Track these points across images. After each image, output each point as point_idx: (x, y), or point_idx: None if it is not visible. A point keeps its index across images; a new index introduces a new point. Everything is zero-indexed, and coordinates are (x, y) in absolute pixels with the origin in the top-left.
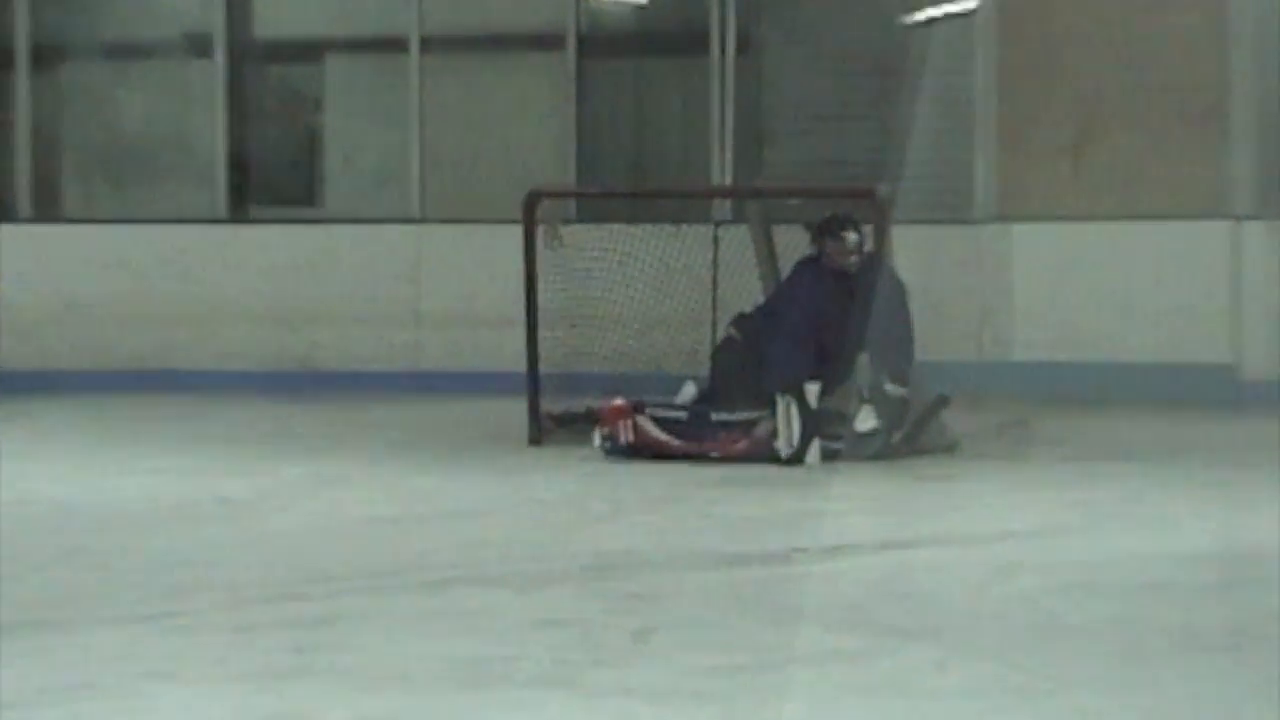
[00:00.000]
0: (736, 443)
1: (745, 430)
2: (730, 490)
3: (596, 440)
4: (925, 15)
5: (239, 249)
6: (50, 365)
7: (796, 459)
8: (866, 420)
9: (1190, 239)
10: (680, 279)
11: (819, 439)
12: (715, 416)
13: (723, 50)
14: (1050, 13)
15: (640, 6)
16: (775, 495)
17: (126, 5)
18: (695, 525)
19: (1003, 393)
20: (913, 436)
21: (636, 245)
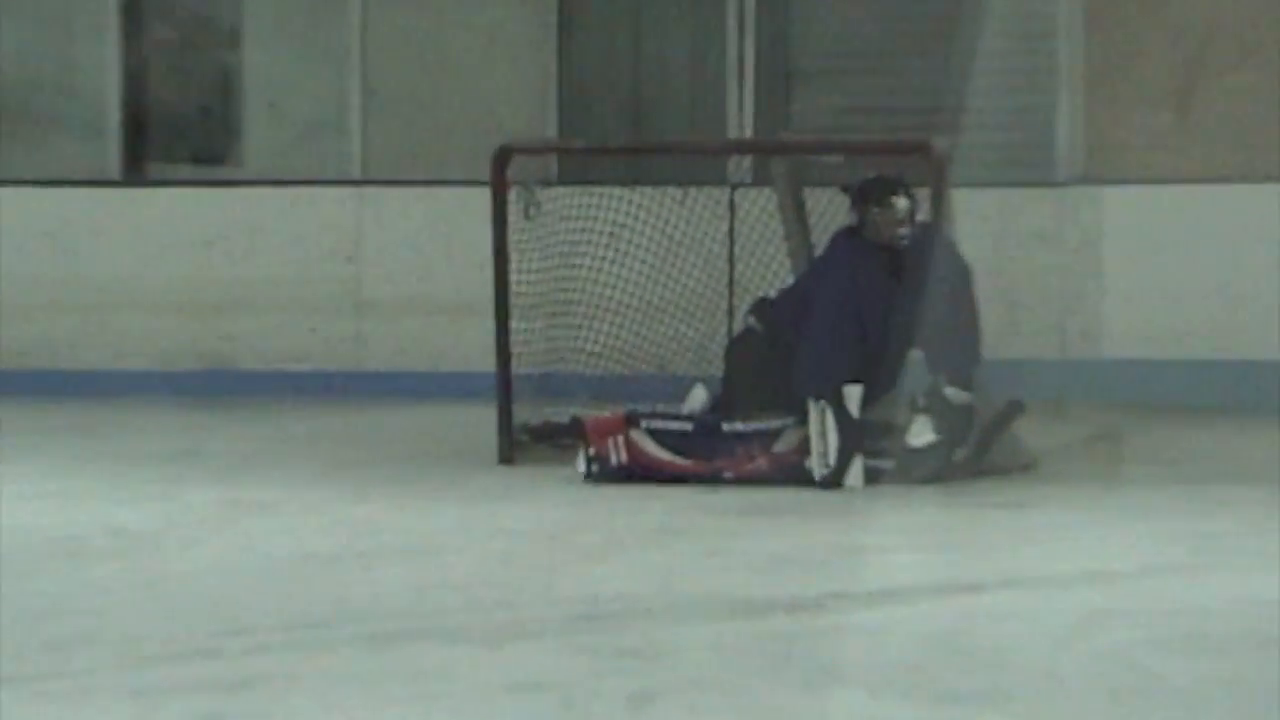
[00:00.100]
0: (756, 461)
1: (767, 445)
2: (749, 521)
3: (582, 461)
4: None
5: (136, 218)
6: None
7: (833, 481)
8: (921, 433)
9: None
10: (688, 256)
11: (861, 456)
12: (728, 428)
13: None
14: None
15: None
16: (806, 527)
17: None
18: (705, 565)
19: (1090, 399)
20: (979, 453)
21: (633, 214)
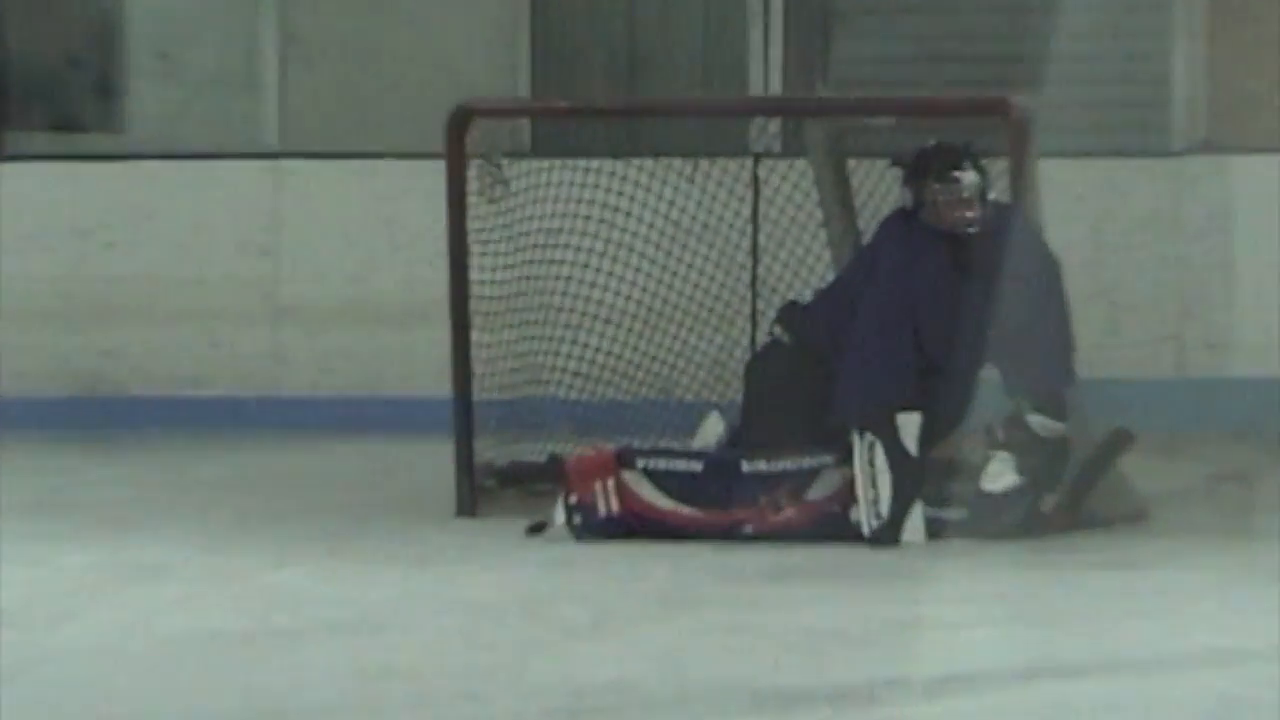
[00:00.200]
0: (785, 511)
1: (799, 490)
2: (777, 589)
3: (561, 511)
4: None
5: None
6: None
7: (887, 536)
8: (1000, 475)
9: None
10: (699, 247)
11: (922, 504)
12: (749, 468)
13: None
14: None
15: None
16: (851, 596)
17: None
18: (722, 645)
19: (1215, 429)
20: (1076, 499)
21: (629, 193)
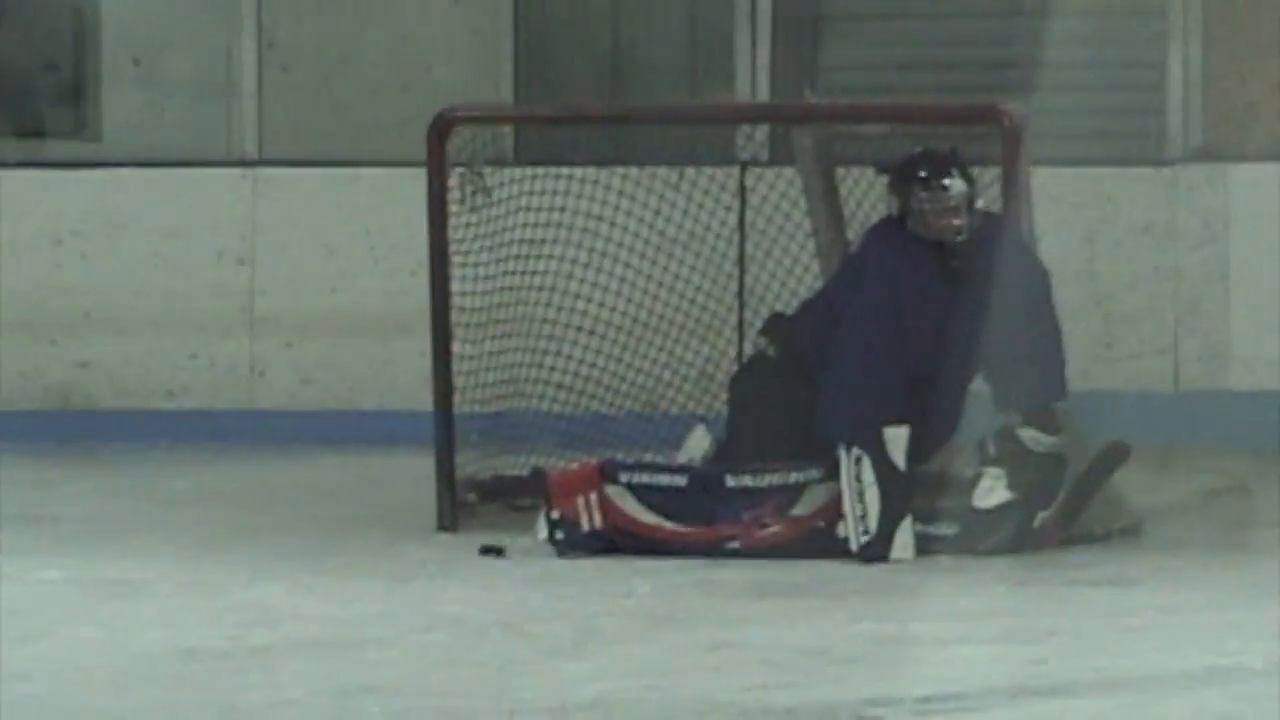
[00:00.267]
0: (770, 526)
1: (784, 505)
2: (763, 605)
3: (544, 526)
4: None
5: None
6: None
7: (876, 552)
8: (992, 491)
9: None
10: (686, 257)
11: (912, 519)
12: (734, 483)
13: None
14: None
15: None
16: (838, 613)
17: None
18: (706, 662)
19: (1210, 443)
20: (1070, 514)
21: (613, 202)
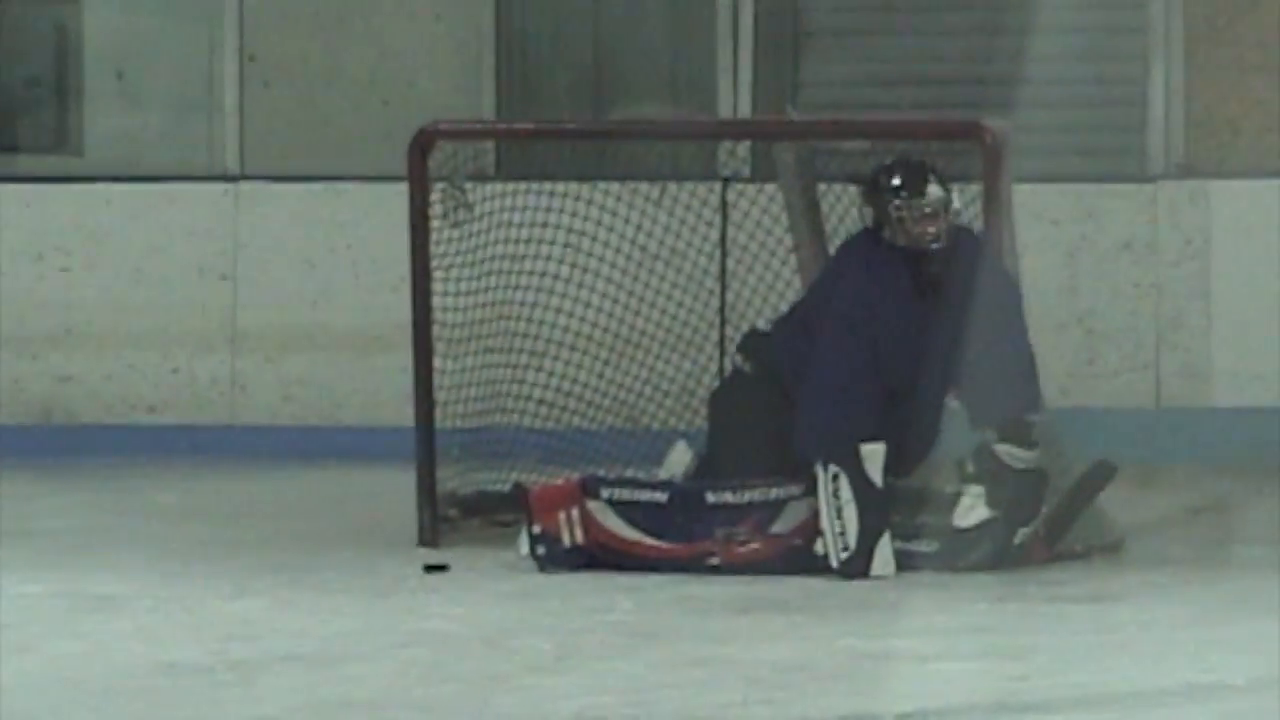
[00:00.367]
0: (748, 543)
1: (764, 522)
2: (743, 621)
3: (526, 542)
4: None
5: None
6: None
7: (856, 568)
8: (972, 509)
9: None
10: (667, 272)
11: (891, 536)
12: (714, 499)
13: None
14: None
15: None
16: (818, 629)
17: None
18: (687, 678)
19: (1192, 459)
20: (1055, 533)
21: (595, 218)
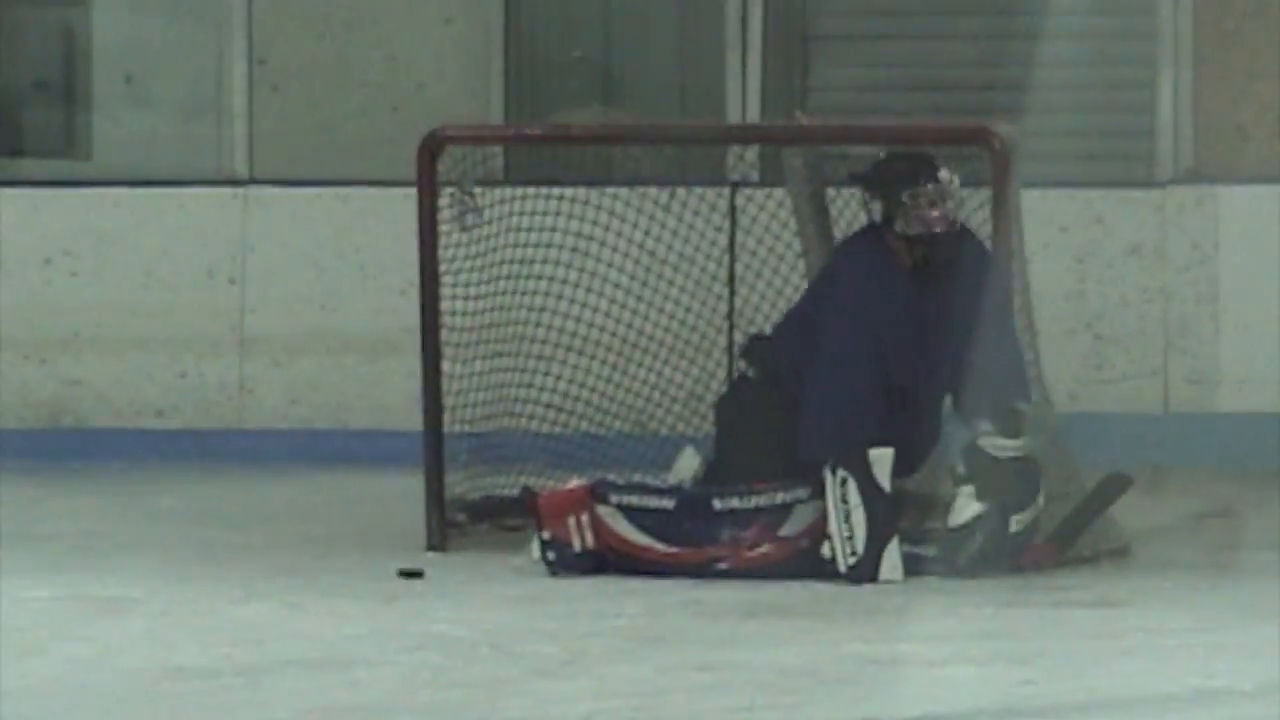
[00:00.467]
0: (756, 547)
1: (772, 526)
2: (752, 625)
3: (535, 547)
4: None
5: None
6: None
7: (865, 572)
8: (964, 508)
9: None
10: (676, 277)
11: (899, 540)
12: (721, 504)
13: None
14: None
15: None
16: (826, 634)
17: None
18: (695, 682)
19: (1200, 464)
20: (1067, 539)
21: (603, 222)
